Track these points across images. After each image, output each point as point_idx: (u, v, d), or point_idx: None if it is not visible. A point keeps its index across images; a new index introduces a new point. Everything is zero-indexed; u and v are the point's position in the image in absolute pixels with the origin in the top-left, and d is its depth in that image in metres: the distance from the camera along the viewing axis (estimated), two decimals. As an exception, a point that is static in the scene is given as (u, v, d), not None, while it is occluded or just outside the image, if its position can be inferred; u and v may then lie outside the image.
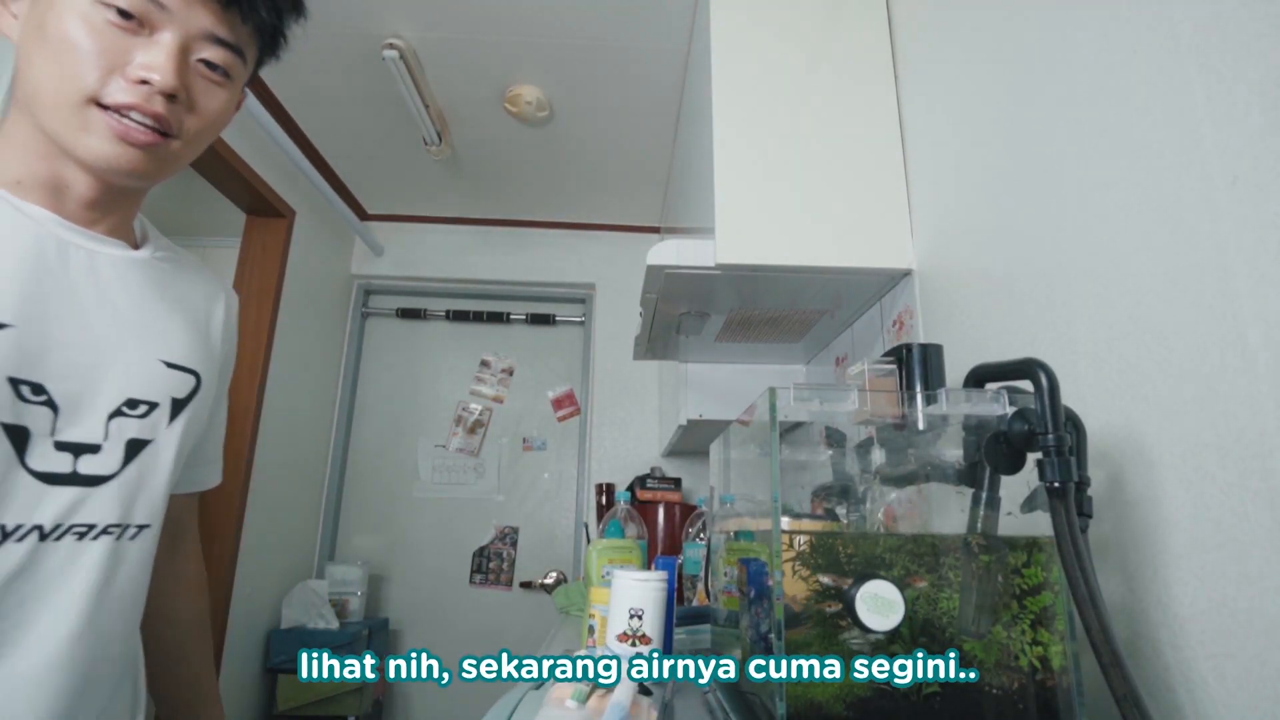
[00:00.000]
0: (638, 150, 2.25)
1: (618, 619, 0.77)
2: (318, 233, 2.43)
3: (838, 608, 0.55)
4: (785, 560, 0.58)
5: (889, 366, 0.85)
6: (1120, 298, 0.66)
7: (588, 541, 2.39)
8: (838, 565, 0.57)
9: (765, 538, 0.62)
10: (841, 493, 0.76)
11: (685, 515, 2.08)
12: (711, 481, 0.93)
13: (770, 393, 0.56)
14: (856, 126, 1.22)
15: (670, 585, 0.78)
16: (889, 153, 1.21)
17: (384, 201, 2.69)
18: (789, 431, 0.66)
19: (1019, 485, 0.59)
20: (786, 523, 0.59)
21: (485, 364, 2.77)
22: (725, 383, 1.82)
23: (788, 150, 1.20)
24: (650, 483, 2.22)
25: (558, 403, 2.75)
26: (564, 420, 2.74)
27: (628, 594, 0.73)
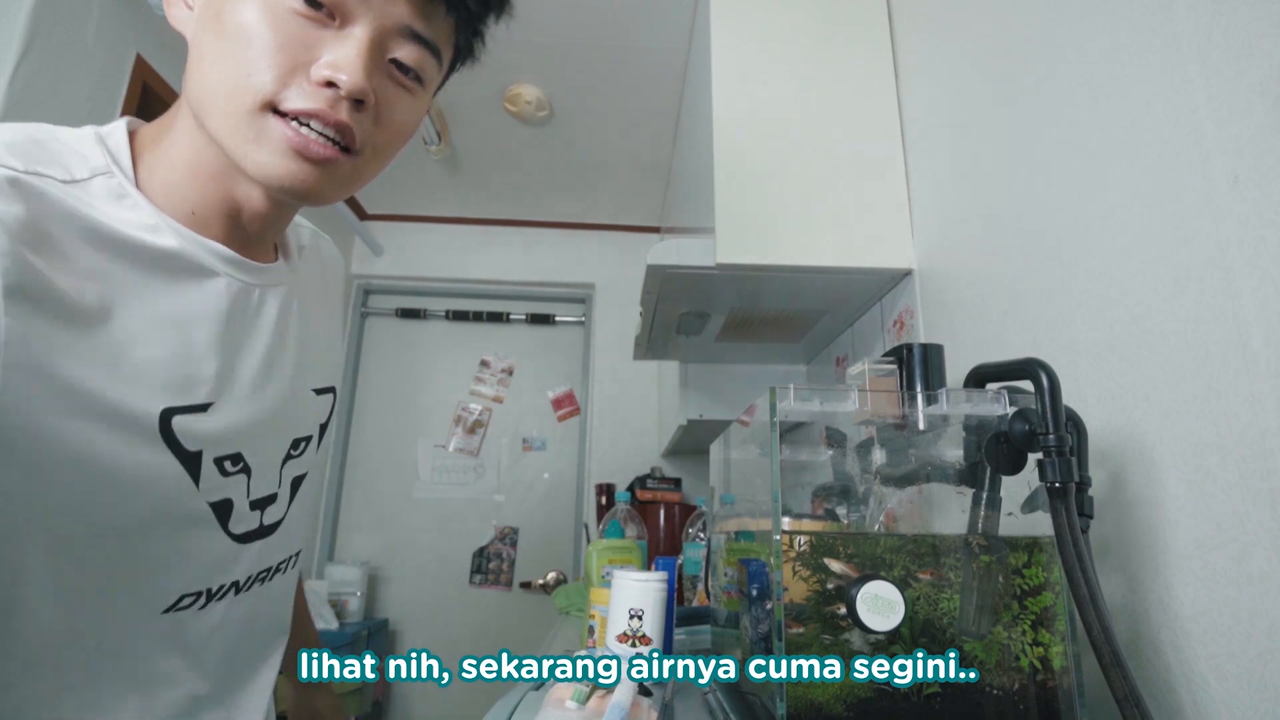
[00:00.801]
0: (638, 150, 2.25)
1: (618, 619, 0.77)
2: (317, 233, 2.43)
3: (839, 608, 0.55)
4: (785, 561, 0.58)
5: (889, 366, 0.85)
6: (1121, 297, 0.66)
7: (588, 542, 2.39)
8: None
9: (765, 538, 0.61)
10: (842, 493, 0.75)
11: (685, 515, 2.08)
12: (712, 482, 0.93)
13: (771, 393, 0.56)
14: (857, 125, 1.22)
15: (670, 586, 0.78)
16: (889, 152, 1.21)
17: (383, 201, 2.69)
18: (789, 432, 0.66)
19: (1020, 486, 0.59)
20: (787, 523, 0.58)
21: (485, 364, 2.77)
22: (725, 383, 1.82)
23: (787, 150, 1.20)
24: (650, 483, 2.22)
25: (557, 403, 2.75)
26: (564, 420, 2.74)
27: (628, 594, 0.73)
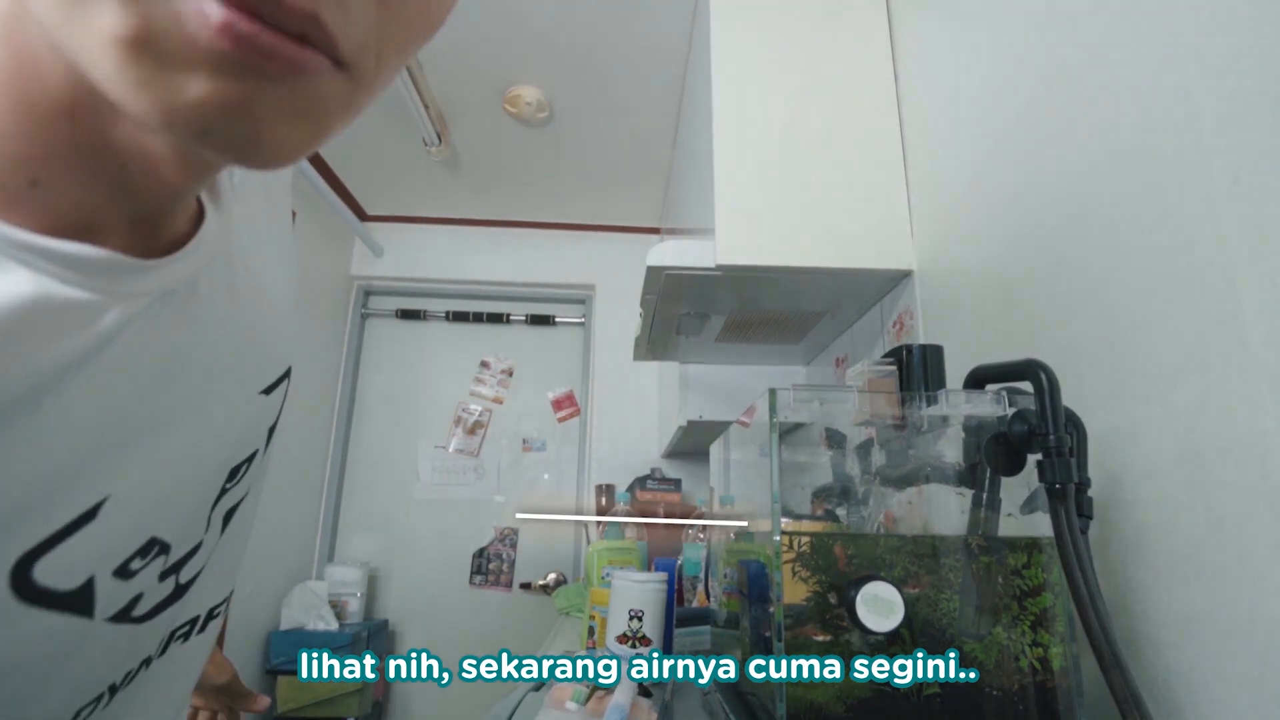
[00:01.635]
0: (638, 150, 2.25)
1: (618, 620, 0.77)
2: (317, 233, 2.43)
3: (838, 609, 0.55)
4: (785, 562, 0.58)
5: (889, 367, 0.85)
6: (1121, 297, 0.66)
7: (587, 543, 2.39)
8: (836, 568, 0.57)
9: (765, 539, 0.61)
10: (842, 494, 0.76)
11: (685, 516, 2.08)
12: (712, 482, 0.93)
13: (770, 394, 0.56)
14: (856, 126, 1.22)
15: (670, 587, 0.78)
16: (889, 152, 1.21)
17: (384, 202, 2.69)
18: (789, 432, 0.66)
19: (1019, 487, 0.59)
20: (786, 523, 0.59)
21: (485, 365, 2.77)
22: (725, 383, 1.82)
23: (787, 150, 1.20)
24: (650, 484, 2.22)
25: (557, 403, 2.75)
26: (564, 421, 2.74)
27: (628, 595, 0.73)
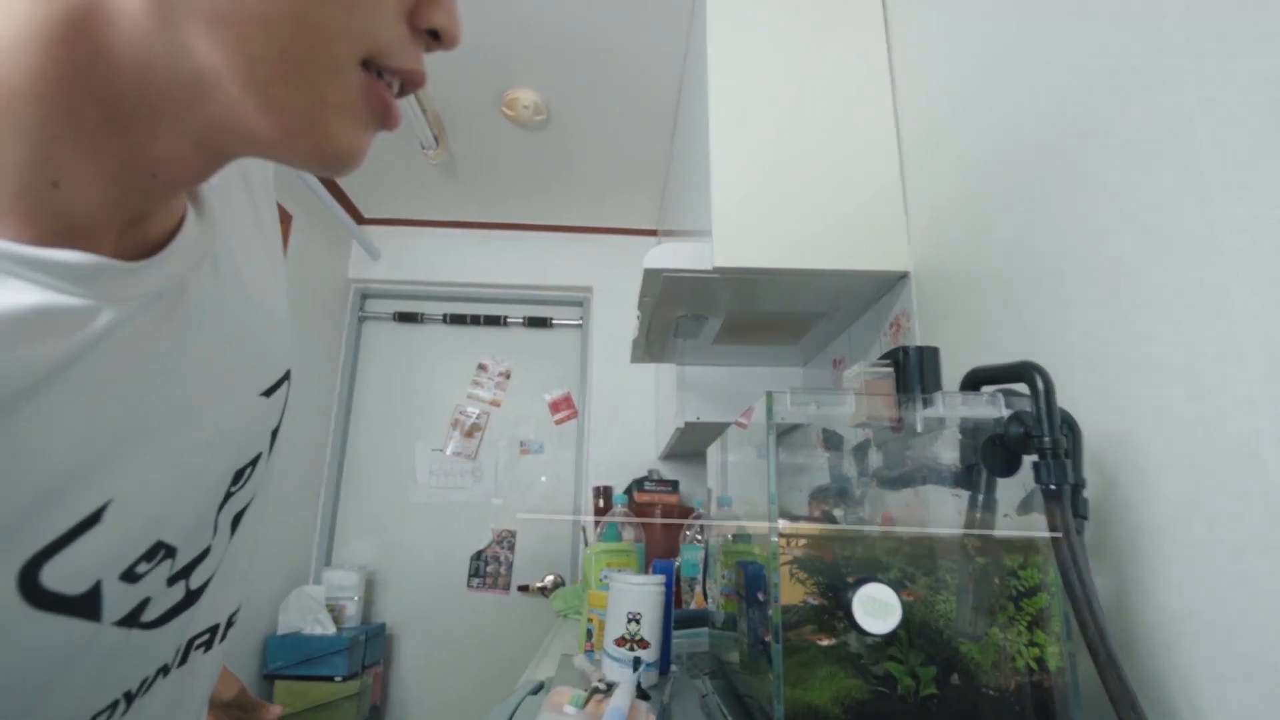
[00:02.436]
0: (635, 153, 2.26)
1: (615, 623, 0.77)
2: (315, 237, 2.43)
3: (836, 611, 0.55)
4: (782, 563, 0.58)
5: (886, 369, 0.85)
6: (1115, 300, 0.66)
7: (585, 545, 2.39)
8: (835, 569, 0.57)
9: (763, 540, 0.62)
10: (839, 495, 0.76)
11: (683, 517, 2.08)
12: (710, 484, 0.94)
13: (767, 397, 0.56)
14: (853, 128, 1.22)
15: (668, 589, 0.78)
16: (886, 154, 1.21)
17: (381, 205, 2.69)
18: (786, 434, 0.66)
19: (1016, 488, 0.59)
20: (783, 525, 0.59)
21: (482, 367, 2.77)
22: (722, 385, 1.82)
23: (785, 152, 1.20)
24: (648, 485, 2.22)
25: (555, 406, 2.75)
26: (561, 423, 2.74)
27: (625, 598, 0.73)
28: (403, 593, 2.52)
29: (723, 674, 0.84)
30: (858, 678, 0.53)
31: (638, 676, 0.73)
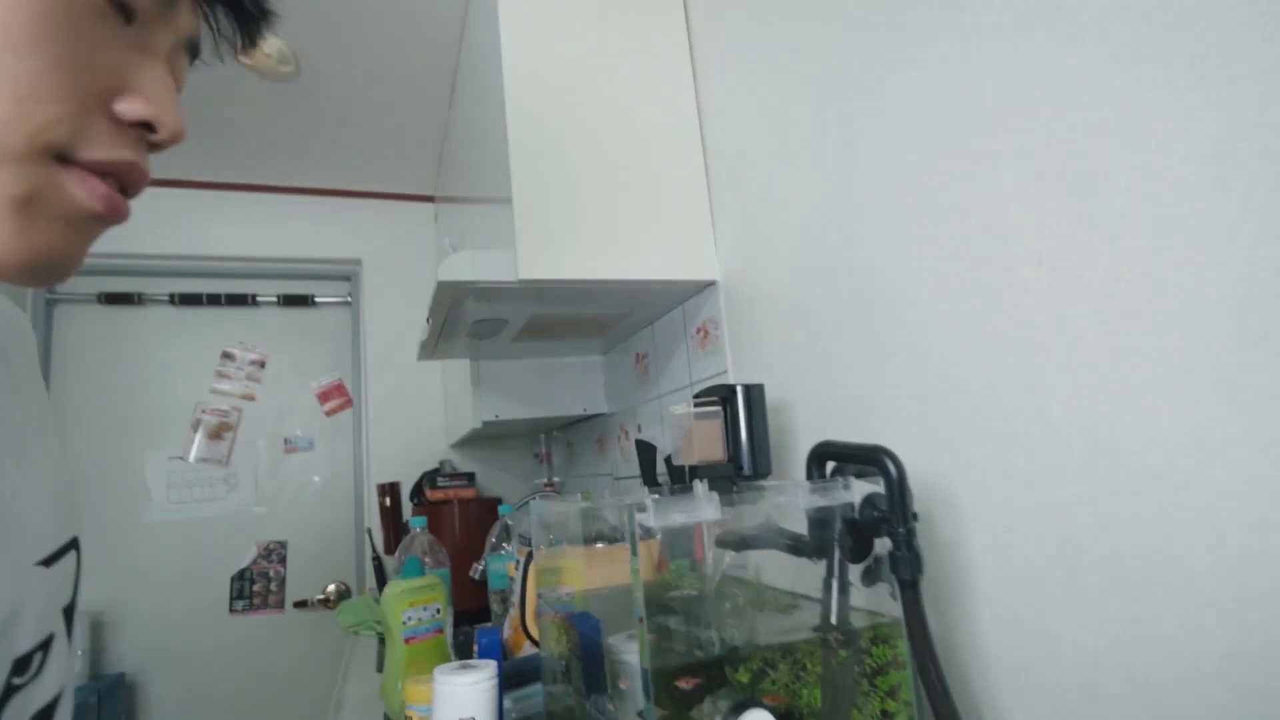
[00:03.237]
0: (406, 112, 2.00)
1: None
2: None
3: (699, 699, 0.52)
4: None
5: (714, 409, 0.83)
6: (931, 352, 0.69)
7: (372, 549, 2.19)
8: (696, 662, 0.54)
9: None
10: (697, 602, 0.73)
11: (483, 512, 1.98)
12: (534, 540, 0.86)
13: (629, 516, 0.50)
14: (656, 129, 1.17)
15: (498, 672, 0.71)
16: (690, 157, 1.18)
17: (67, 158, 2.11)
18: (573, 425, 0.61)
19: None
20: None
21: (229, 356, 2.36)
22: (521, 378, 1.73)
23: (588, 155, 1.12)
24: (441, 480, 2.08)
25: (324, 395, 2.45)
26: (333, 414, 2.45)
27: (455, 703, 0.64)
28: (144, 632, 2.11)
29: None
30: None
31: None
